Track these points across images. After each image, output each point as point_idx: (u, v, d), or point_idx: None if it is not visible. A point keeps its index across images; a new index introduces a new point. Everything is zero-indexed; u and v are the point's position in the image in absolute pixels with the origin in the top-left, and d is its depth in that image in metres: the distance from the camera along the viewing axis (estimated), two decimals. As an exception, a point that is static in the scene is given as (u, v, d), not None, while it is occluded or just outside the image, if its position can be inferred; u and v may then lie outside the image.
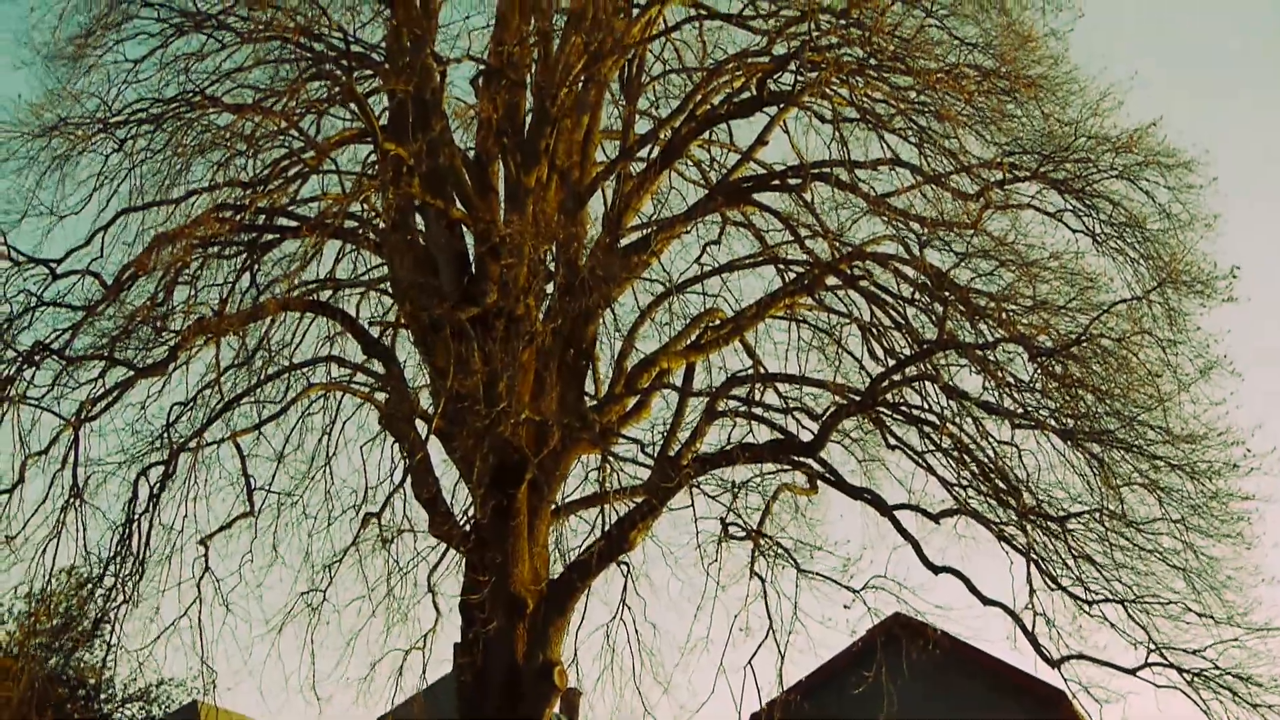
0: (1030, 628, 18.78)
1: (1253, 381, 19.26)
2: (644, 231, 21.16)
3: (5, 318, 20.05)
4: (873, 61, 20.70)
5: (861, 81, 20.84)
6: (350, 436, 22.30)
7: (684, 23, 22.74)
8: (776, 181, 21.25)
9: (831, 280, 20.75)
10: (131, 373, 19.90)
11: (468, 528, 19.11)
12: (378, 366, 20.41)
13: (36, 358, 19.89)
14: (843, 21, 20.77)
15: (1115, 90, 20.63)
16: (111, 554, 19.79)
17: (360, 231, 21.05)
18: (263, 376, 20.82)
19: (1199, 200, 20.34)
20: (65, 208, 21.23)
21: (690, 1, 22.52)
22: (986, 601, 18.95)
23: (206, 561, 19.66)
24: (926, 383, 19.82)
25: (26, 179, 21.02)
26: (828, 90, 20.80)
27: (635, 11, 21.97)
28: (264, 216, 20.94)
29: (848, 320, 21.22)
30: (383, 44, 21.92)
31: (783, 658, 19.73)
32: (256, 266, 21.13)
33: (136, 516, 19.87)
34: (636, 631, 20.28)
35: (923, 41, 20.70)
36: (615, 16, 20.94)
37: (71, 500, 19.66)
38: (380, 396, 20.06)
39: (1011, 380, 19.38)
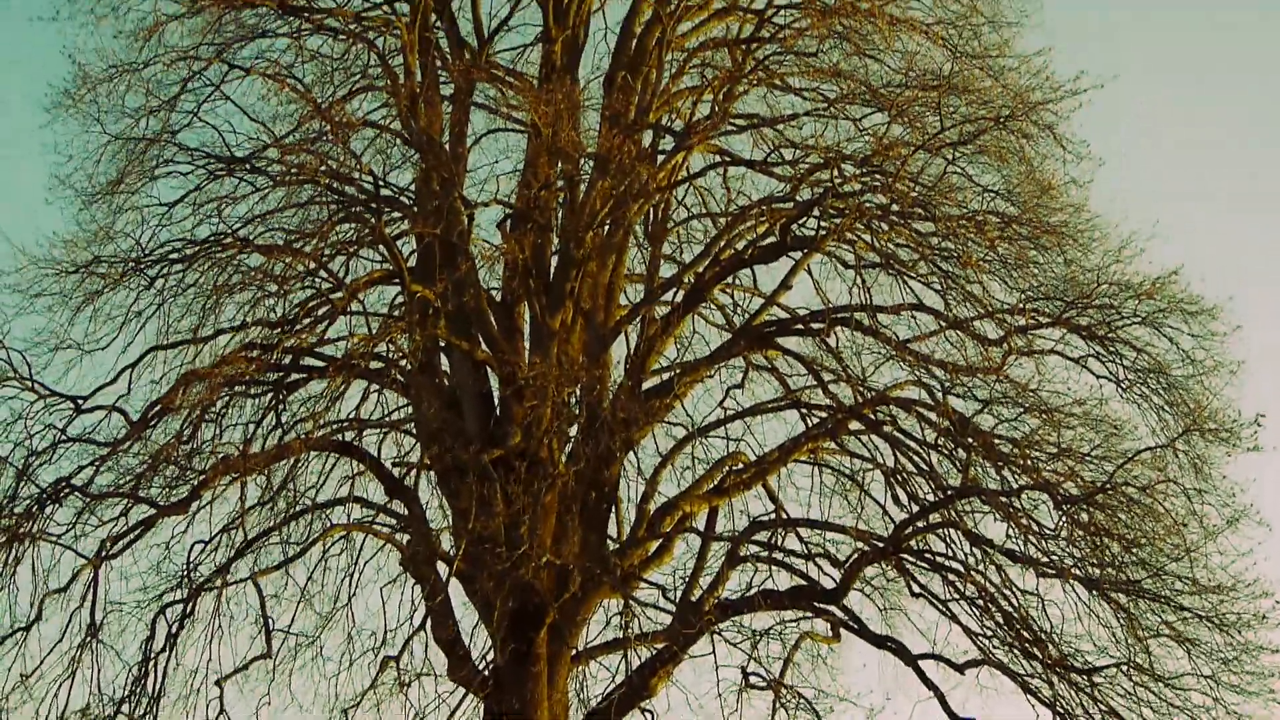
0: (1058, 782, 18.38)
1: (1281, 531, 19.03)
2: (667, 375, 21.25)
3: (29, 453, 20.16)
4: (895, 208, 20.85)
5: (884, 227, 20.99)
6: (370, 577, 22.17)
7: (708, 169, 23.09)
8: (800, 326, 21.33)
9: (855, 425, 20.71)
10: (154, 511, 19.89)
11: (486, 672, 18.93)
12: (400, 508, 20.40)
13: (59, 494, 19.94)
14: (865, 168, 20.99)
15: (1137, 238, 20.75)
16: (125, 694, 19.60)
17: (386, 372, 21.20)
18: (285, 517, 20.80)
19: (1223, 347, 20.34)
20: (94, 344, 21.54)
21: (714, 148, 22.86)
22: (1013, 754, 18.59)
23: (222, 704, 19.47)
24: (950, 530, 19.64)
25: (58, 315, 21.34)
26: (850, 236, 20.98)
27: (660, 158, 22.30)
28: (291, 356, 21.10)
29: (871, 465, 21.11)
30: (412, 187, 22.28)
31: (805, 809, 19.37)
32: (282, 406, 21.28)
33: (153, 655, 19.73)
34: (658, 779, 19.91)
35: (945, 188, 20.86)
36: (641, 162, 21.22)
37: (88, 639, 19.55)
38: (402, 538, 20.01)
39: (1036, 528, 19.18)
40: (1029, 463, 19.38)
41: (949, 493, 19.67)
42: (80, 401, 20.66)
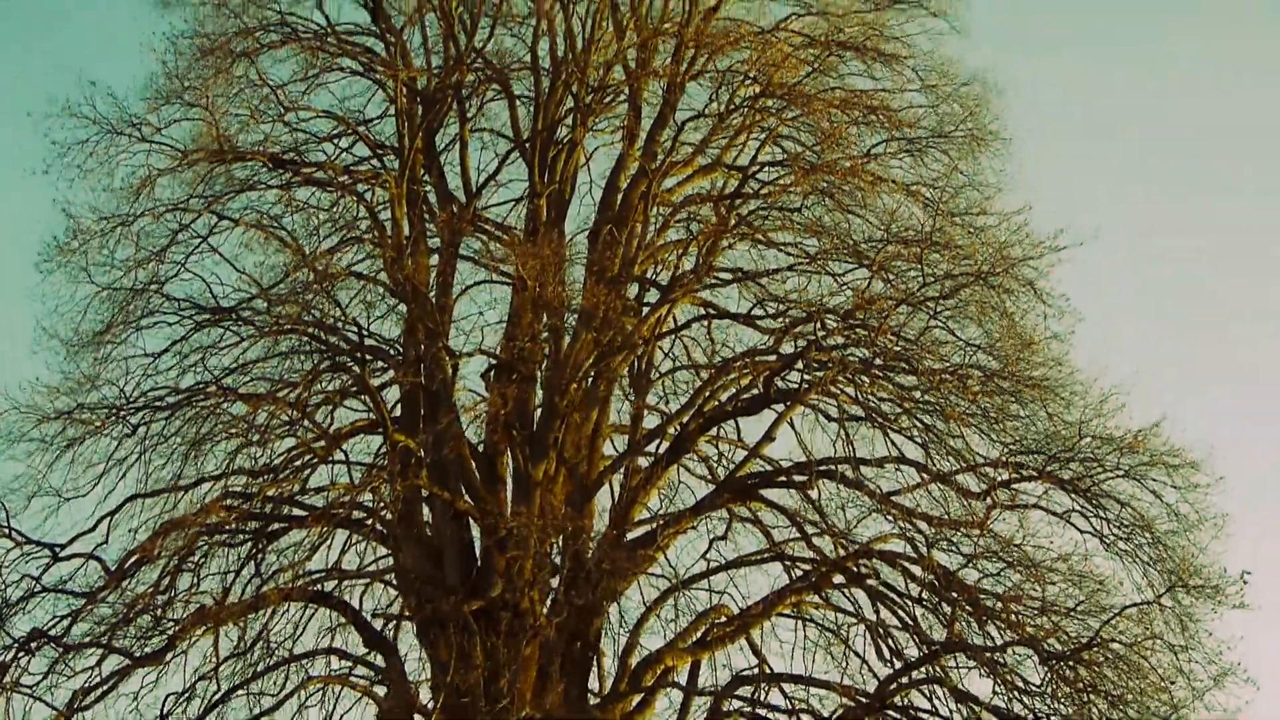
0: None
1: (1269, 689, 18.83)
2: (651, 526, 21.13)
3: (3, 603, 19.87)
4: (878, 361, 20.98)
5: (867, 380, 21.10)
6: (347, 731, 21.74)
7: (693, 321, 23.31)
8: (783, 478, 21.28)
9: (838, 579, 20.57)
10: (128, 662, 19.58)
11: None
12: (379, 660, 20.11)
13: (33, 644, 19.63)
14: (848, 322, 21.18)
15: (1118, 391, 20.85)
16: None
17: (368, 522, 21.08)
18: (262, 668, 20.50)
19: (1206, 500, 20.29)
20: (73, 491, 21.41)
21: (699, 301, 23.10)
22: None
23: None
24: (935, 686, 19.40)
25: (37, 461, 21.24)
26: (834, 389, 21.05)
27: (645, 310, 22.48)
28: (272, 506, 20.99)
29: (855, 620, 20.93)
30: (397, 338, 22.40)
31: None
32: (261, 556, 21.10)
33: (124, 811, 19.28)
34: None
35: (927, 342, 21.04)
36: (625, 315, 21.39)
37: (57, 794, 19.09)
38: (380, 691, 19.71)
39: (1022, 684, 18.95)
40: (1014, 618, 19.20)
41: (934, 648, 19.45)
42: (58, 549, 20.45)
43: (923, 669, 19.43)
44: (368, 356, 21.62)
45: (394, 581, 21.10)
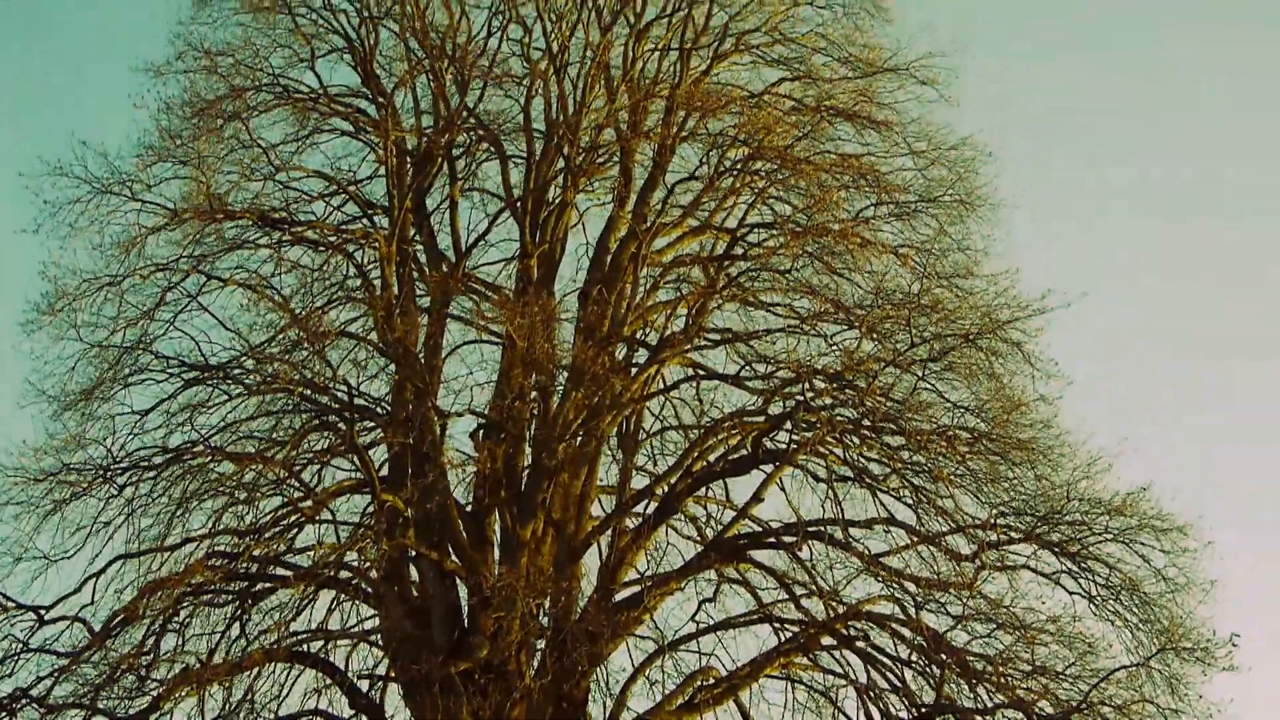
0: None
1: (1260, 754, 18.73)
2: (638, 587, 21.02)
3: (-11, 665, 19.73)
4: (866, 422, 20.99)
5: (855, 441, 21.10)
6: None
7: (682, 382, 23.31)
8: (772, 539, 21.23)
9: (827, 640, 20.47)
10: (112, 723, 19.39)
11: None
12: (364, 722, 19.96)
13: (16, 705, 19.45)
14: (837, 383, 21.20)
15: (1105, 454, 20.86)
16: None
17: (354, 582, 20.97)
18: (246, 730, 20.30)
19: (1195, 564, 20.26)
20: (60, 553, 21.27)
21: (688, 362, 23.13)
22: None
23: None
24: (925, 749, 19.28)
25: (24, 524, 21.13)
26: (822, 449, 21.04)
27: (634, 370, 22.49)
28: (258, 565, 20.88)
29: (844, 682, 20.79)
30: (386, 397, 22.39)
31: None
32: (247, 616, 20.94)
33: None
34: None
35: (915, 403, 21.05)
36: (614, 375, 21.40)
37: None
38: (364, 753, 19.56)
39: (1012, 747, 18.84)
40: (1003, 680, 19.11)
41: (923, 710, 19.35)
42: (43, 612, 20.31)
43: (912, 732, 19.32)
44: (356, 415, 21.59)
45: (380, 642, 20.96)
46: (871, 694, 20.23)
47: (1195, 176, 49.98)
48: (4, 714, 19.30)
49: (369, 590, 20.78)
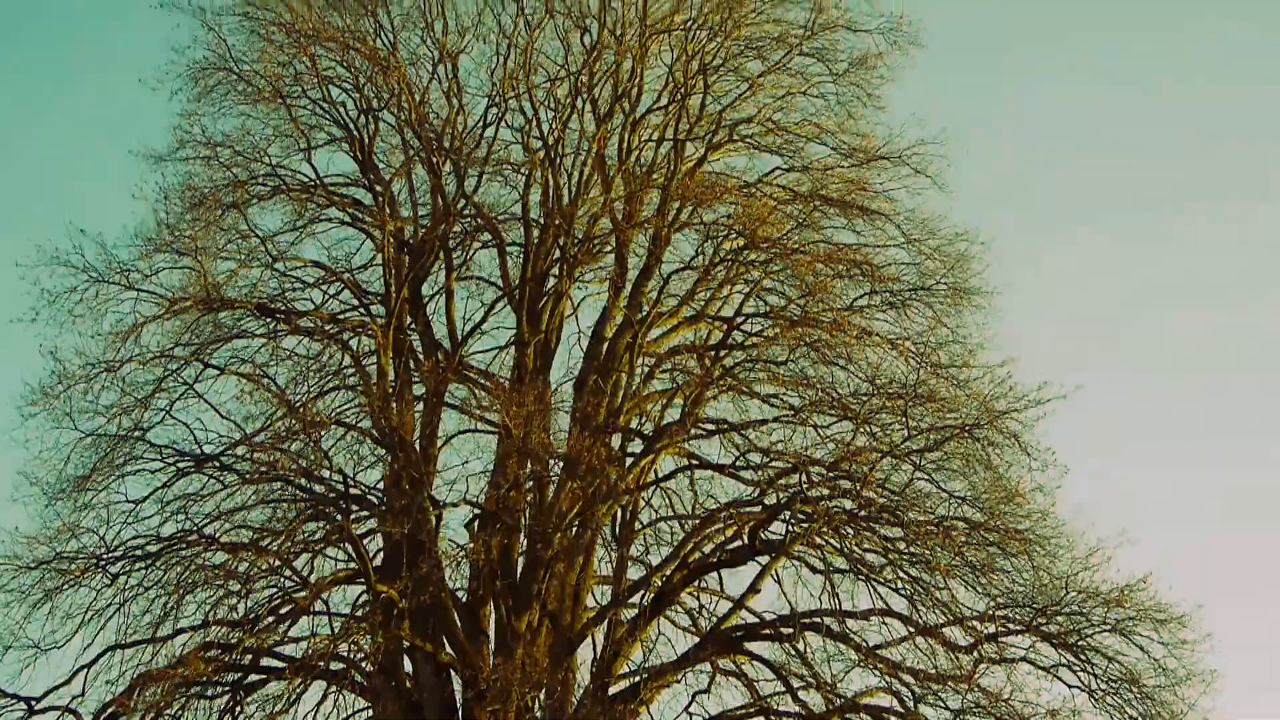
0: None
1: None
2: (634, 679, 20.84)
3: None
4: (863, 513, 20.94)
5: (852, 532, 21.03)
6: None
7: (677, 472, 23.27)
8: (768, 631, 21.11)
9: (825, 733, 20.28)
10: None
11: None
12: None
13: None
14: (833, 474, 21.17)
15: (1104, 545, 20.76)
16: None
17: (347, 674, 20.77)
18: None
19: (1194, 656, 20.15)
20: (51, 642, 21.06)
21: (683, 452, 23.09)
22: None
23: None
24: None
25: (14, 612, 20.96)
26: (818, 541, 20.96)
27: (629, 460, 22.46)
28: (251, 656, 20.69)
29: (842, 775, 20.58)
30: (381, 486, 22.32)
31: None
32: (240, 709, 20.72)
33: None
34: None
35: (912, 495, 21.02)
36: (609, 465, 21.36)
37: None
38: None
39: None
40: (1002, 774, 18.95)
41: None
42: (33, 703, 20.13)
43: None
44: (351, 505, 21.52)
45: (373, 735, 20.76)
46: (870, 788, 20.05)
47: (1190, 266, 50.39)
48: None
49: (363, 682, 20.59)
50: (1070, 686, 20.24)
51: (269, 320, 23.34)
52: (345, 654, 20.69)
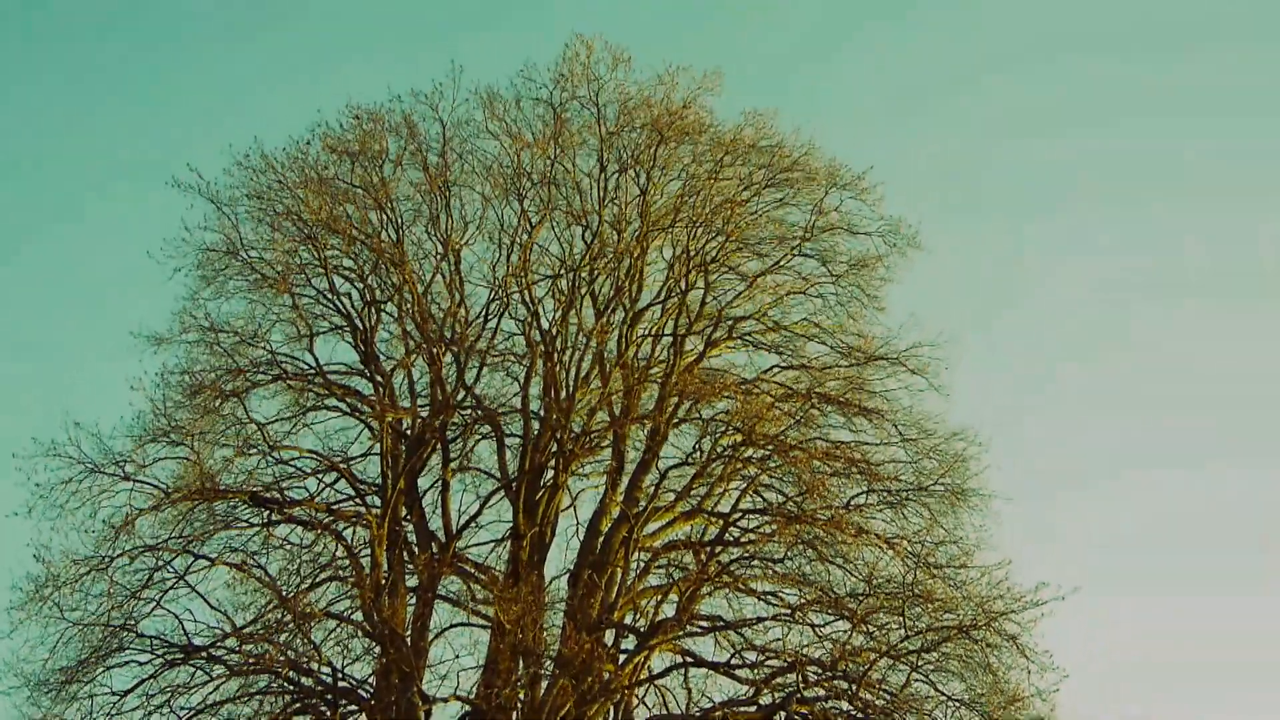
0: None
1: None
2: None
3: None
4: (859, 715, 20.59)
5: (849, 735, 20.67)
6: None
7: (671, 669, 22.92)
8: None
9: None
10: None
11: None
12: None
13: None
14: (829, 674, 20.87)
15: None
16: None
17: None
18: None
19: None
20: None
21: (677, 649, 22.77)
22: None
23: None
24: None
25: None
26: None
27: (623, 657, 22.16)
28: None
29: None
30: (371, 680, 21.98)
31: None
32: None
33: None
34: None
35: (909, 696, 20.70)
36: (603, 661, 21.07)
37: None
38: None
39: None
40: None
41: None
42: None
43: None
44: (340, 699, 21.17)
45: None
46: None
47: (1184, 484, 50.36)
48: None
49: None
50: None
51: (262, 510, 23.25)
52: None
